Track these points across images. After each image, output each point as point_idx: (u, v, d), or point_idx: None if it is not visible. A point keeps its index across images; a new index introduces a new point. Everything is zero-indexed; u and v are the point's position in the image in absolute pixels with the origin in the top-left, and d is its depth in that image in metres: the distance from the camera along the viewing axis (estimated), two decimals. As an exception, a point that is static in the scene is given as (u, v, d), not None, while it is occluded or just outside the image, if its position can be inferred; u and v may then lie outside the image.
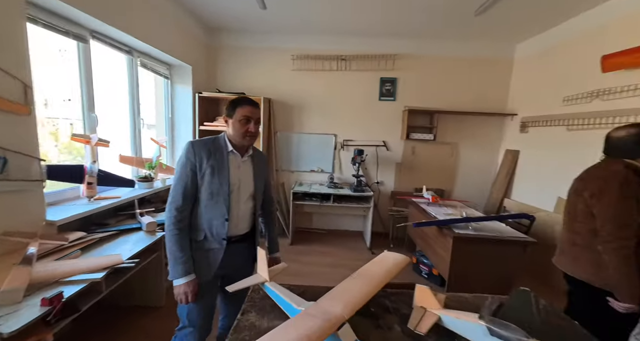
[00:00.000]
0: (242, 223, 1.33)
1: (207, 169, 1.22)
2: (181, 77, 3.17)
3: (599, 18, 2.42)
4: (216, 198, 1.24)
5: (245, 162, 1.33)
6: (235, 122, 1.23)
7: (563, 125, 2.71)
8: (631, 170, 1.25)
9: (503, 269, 2.07)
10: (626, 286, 1.20)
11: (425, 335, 0.86)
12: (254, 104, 1.27)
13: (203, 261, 1.26)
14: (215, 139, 1.29)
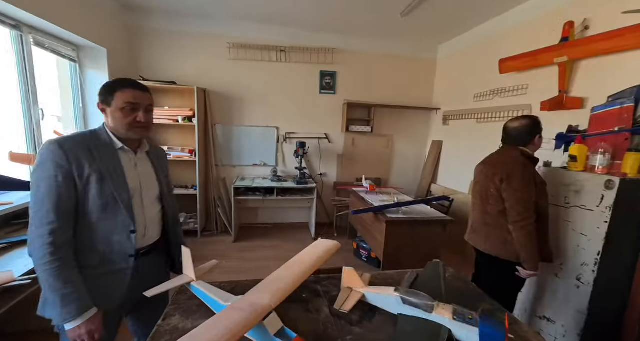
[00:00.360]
0: (151, 231, 1.12)
1: (91, 175, 0.94)
2: (94, 61, 2.73)
3: (500, 25, 2.83)
4: (113, 209, 0.98)
5: (141, 159, 1.11)
6: (116, 111, 0.99)
7: (474, 119, 3.14)
8: (525, 156, 1.45)
9: (428, 246, 2.33)
10: (532, 258, 1.39)
11: (349, 312, 0.92)
12: (141, 87, 1.03)
13: (104, 289, 0.99)
14: (93, 134, 1.01)
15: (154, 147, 1.21)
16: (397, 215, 2.29)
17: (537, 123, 1.49)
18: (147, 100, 1.04)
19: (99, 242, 0.98)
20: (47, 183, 0.88)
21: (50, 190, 0.87)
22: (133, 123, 1.01)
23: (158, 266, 1.19)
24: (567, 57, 2.02)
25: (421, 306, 0.87)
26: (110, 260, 1.01)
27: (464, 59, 3.39)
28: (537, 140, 1.49)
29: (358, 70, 3.70)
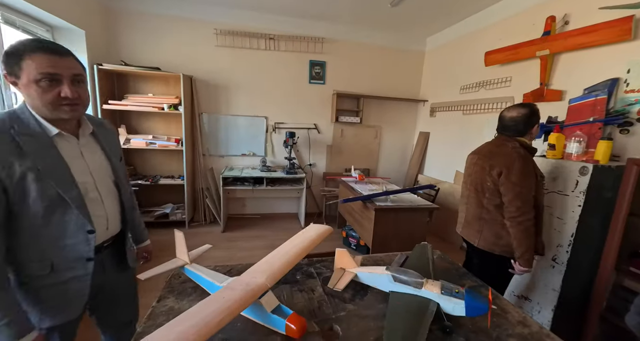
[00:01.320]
0: (112, 225, 0.99)
1: (25, 175, 0.76)
2: (71, 43, 2.58)
3: (486, 18, 2.89)
4: (62, 210, 0.83)
5: (86, 144, 0.93)
6: (30, 85, 0.76)
7: (460, 110, 3.22)
8: (524, 148, 1.36)
9: (415, 233, 2.41)
10: (527, 254, 1.33)
11: (342, 291, 0.96)
12: (60, 52, 0.79)
13: (61, 299, 0.88)
14: (13, 119, 0.78)
15: (98, 123, 1.01)
16: (385, 203, 2.35)
17: (535, 112, 1.39)
18: (73, 68, 0.81)
19: (47, 249, 0.84)
20: None
21: None
22: (56, 101, 0.79)
23: (120, 257, 1.08)
24: (549, 50, 2.10)
25: (411, 283, 0.91)
26: (64, 267, 0.87)
27: (451, 52, 3.45)
28: (535, 130, 1.41)
29: (347, 61, 3.69)
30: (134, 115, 3.17)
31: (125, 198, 1.05)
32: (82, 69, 0.87)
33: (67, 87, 0.79)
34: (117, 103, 2.87)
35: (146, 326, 0.79)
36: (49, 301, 0.86)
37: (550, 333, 0.85)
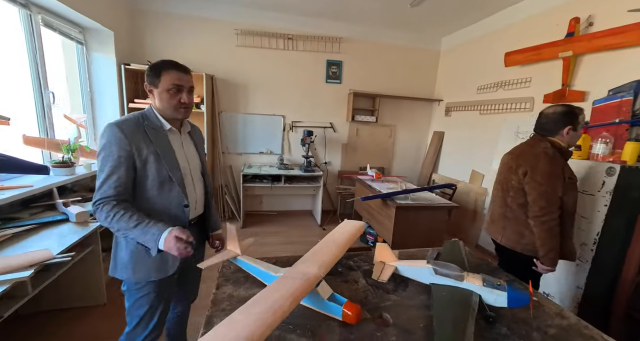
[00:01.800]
0: (199, 205, 1.24)
1: (148, 156, 1.02)
2: (101, 44, 2.67)
3: (505, 19, 2.90)
4: (169, 187, 1.08)
5: (185, 139, 1.20)
6: (163, 93, 1.04)
7: (477, 110, 3.24)
8: (555, 149, 1.34)
9: (433, 230, 2.46)
10: (550, 254, 1.33)
11: (385, 282, 1.02)
12: (184, 69, 1.08)
13: (162, 257, 1.08)
14: (144, 117, 1.07)
15: (192, 126, 1.29)
16: (406, 201, 2.40)
17: (570, 114, 1.32)
18: (189, 82, 1.09)
19: (157, 216, 1.04)
20: (112, 161, 0.98)
21: (115, 167, 0.98)
22: (178, 104, 1.07)
23: (200, 236, 1.30)
24: (572, 51, 2.12)
25: (452, 276, 0.97)
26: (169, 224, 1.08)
27: (468, 52, 3.46)
28: (567, 132, 1.33)
29: (363, 60, 3.73)
30: (156, 114, 3.26)
31: (208, 184, 1.28)
32: (193, 83, 1.13)
33: (186, 95, 1.07)
34: (142, 102, 2.95)
35: (213, 311, 0.86)
36: (155, 260, 1.07)
37: (589, 325, 0.90)
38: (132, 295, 1.11)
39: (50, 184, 1.87)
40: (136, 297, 1.11)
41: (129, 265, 1.07)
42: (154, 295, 1.11)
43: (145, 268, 1.08)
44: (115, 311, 1.85)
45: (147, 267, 1.08)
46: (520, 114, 2.69)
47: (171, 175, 1.06)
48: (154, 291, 1.11)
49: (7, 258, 1.22)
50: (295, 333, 0.79)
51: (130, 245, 1.07)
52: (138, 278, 1.08)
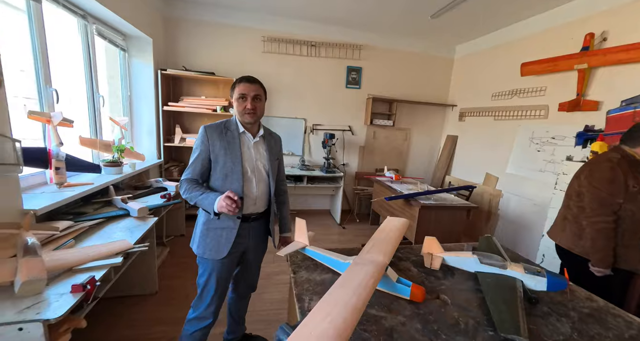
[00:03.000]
0: (259, 202, 1.37)
1: (220, 151, 1.27)
2: (140, 50, 2.84)
3: (520, 31, 3.07)
4: (230, 179, 1.28)
5: (257, 142, 1.36)
6: (235, 101, 1.29)
7: (491, 116, 3.40)
8: (625, 160, 1.36)
9: (453, 229, 2.61)
10: (600, 255, 1.37)
11: (437, 270, 1.17)
12: (250, 80, 1.29)
13: (217, 239, 1.30)
14: (227, 122, 1.34)
15: (271, 133, 1.47)
16: (429, 201, 2.55)
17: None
18: (254, 90, 1.28)
19: None
20: (196, 153, 1.30)
21: (197, 158, 1.30)
22: (244, 110, 1.28)
23: (260, 233, 1.47)
24: (587, 64, 2.28)
25: (497, 265, 1.13)
26: (224, 218, 1.29)
27: (482, 60, 3.62)
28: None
29: (382, 66, 3.90)
30: (186, 116, 3.42)
31: (271, 185, 1.41)
32: (262, 91, 1.33)
33: (249, 102, 1.27)
34: (175, 104, 3.12)
35: (299, 291, 1.02)
36: (212, 239, 1.30)
37: (615, 307, 1.05)
38: (200, 267, 1.36)
39: (106, 182, 2.03)
40: (201, 270, 1.36)
41: (196, 239, 1.34)
42: (210, 270, 1.33)
43: (203, 246, 1.31)
44: (166, 299, 2.01)
45: (205, 246, 1.31)
46: (534, 121, 2.85)
47: (233, 169, 1.28)
48: (210, 268, 1.33)
49: (94, 247, 1.38)
50: (374, 308, 0.95)
51: (199, 223, 1.34)
52: (199, 252, 1.33)
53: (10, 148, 1.31)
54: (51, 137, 1.76)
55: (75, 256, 1.25)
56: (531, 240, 2.83)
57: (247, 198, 1.32)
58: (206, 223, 1.31)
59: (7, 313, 0.92)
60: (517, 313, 0.90)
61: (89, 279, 1.09)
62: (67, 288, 1.07)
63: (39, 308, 0.96)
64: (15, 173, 1.34)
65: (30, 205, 1.44)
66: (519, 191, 3.00)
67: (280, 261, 2.65)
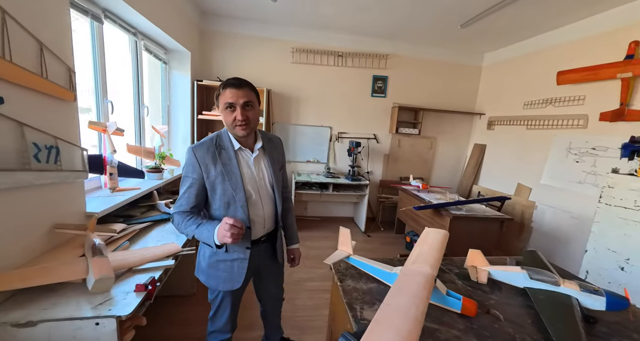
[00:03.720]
0: (268, 223, 1.25)
1: (216, 177, 1.09)
2: (179, 63, 3.02)
3: (557, 38, 2.99)
4: (233, 206, 1.12)
5: (257, 157, 1.19)
6: (222, 112, 1.08)
7: (523, 125, 3.31)
8: None
9: (486, 240, 2.55)
10: None
11: (485, 284, 1.16)
12: (237, 85, 1.05)
13: (229, 271, 1.20)
14: (217, 138, 1.14)
15: (270, 139, 1.27)
16: (460, 211, 2.51)
17: None
18: (243, 97, 1.05)
19: None
20: (187, 181, 1.12)
21: (187, 188, 1.12)
22: (233, 122, 1.07)
23: (270, 251, 1.35)
24: (632, 73, 2.19)
25: (548, 281, 1.10)
26: (232, 250, 1.18)
27: (514, 68, 3.55)
28: None
29: (408, 75, 3.91)
30: (217, 124, 3.57)
31: (278, 202, 1.26)
32: (254, 95, 1.10)
33: (239, 111, 1.05)
34: (209, 113, 3.27)
35: (349, 299, 1.04)
36: (223, 272, 1.20)
37: (683, 330, 1.00)
38: (209, 293, 1.31)
39: (150, 187, 2.15)
40: (210, 296, 1.30)
41: (205, 271, 1.24)
42: (221, 299, 1.28)
43: (215, 279, 1.22)
44: (203, 301, 2.08)
45: (217, 279, 1.22)
46: (572, 130, 2.75)
47: (235, 196, 1.11)
48: (222, 297, 1.28)
49: (149, 249, 1.47)
50: (426, 320, 0.96)
51: (206, 255, 1.22)
52: (210, 284, 1.24)
53: (79, 157, 1.44)
54: (106, 145, 1.91)
55: (135, 257, 1.34)
56: (567, 254, 2.70)
57: (255, 223, 1.19)
58: (213, 256, 1.19)
59: (84, 308, 1.00)
60: (577, 332, 0.88)
61: (150, 280, 1.17)
62: (130, 287, 1.14)
63: (110, 304, 1.04)
64: (82, 179, 1.46)
65: (90, 208, 1.57)
66: (554, 203, 2.88)
67: (309, 266, 2.68)
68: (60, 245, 1.34)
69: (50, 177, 1.23)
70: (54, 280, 1.06)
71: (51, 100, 1.25)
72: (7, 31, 1.01)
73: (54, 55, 1.24)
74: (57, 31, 1.27)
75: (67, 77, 1.33)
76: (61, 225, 1.34)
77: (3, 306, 0.97)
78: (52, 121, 1.26)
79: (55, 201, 1.33)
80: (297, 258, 1.49)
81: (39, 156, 1.17)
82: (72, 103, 1.38)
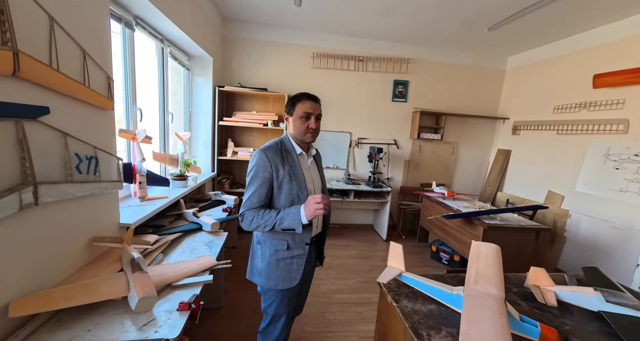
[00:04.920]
0: (319, 224, 1.34)
1: (284, 177, 1.19)
2: (202, 69, 3.01)
3: (589, 41, 2.88)
4: (297, 204, 1.19)
5: (312, 162, 1.33)
6: (296, 120, 1.20)
7: (553, 130, 3.19)
8: None
9: (521, 252, 2.42)
10: None
11: (555, 306, 1.06)
12: (315, 99, 1.23)
13: (288, 268, 1.24)
14: (282, 142, 1.25)
15: (315, 149, 1.41)
16: (494, 221, 2.40)
17: None
18: (318, 110, 1.22)
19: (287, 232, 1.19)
20: (258, 180, 1.18)
21: (258, 186, 1.18)
22: (307, 130, 1.21)
23: (315, 252, 1.42)
24: (680, 75, 2.08)
25: (629, 305, 1.00)
26: (293, 246, 1.24)
27: (542, 71, 3.44)
28: None
29: (429, 79, 3.83)
30: (237, 130, 3.55)
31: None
32: (321, 111, 1.26)
33: (314, 121, 1.21)
34: (230, 119, 3.24)
35: (411, 323, 0.96)
36: (283, 270, 1.24)
37: None
38: (266, 298, 1.30)
39: (177, 195, 2.11)
40: (269, 301, 1.30)
41: (263, 272, 1.26)
42: (280, 300, 1.28)
43: (275, 278, 1.24)
44: (231, 313, 2.01)
45: (277, 277, 1.24)
46: (610, 136, 2.63)
47: (300, 195, 1.19)
48: (280, 298, 1.28)
49: (185, 262, 1.41)
50: (503, 350, 0.86)
51: (266, 255, 1.25)
52: (269, 285, 1.25)
53: (115, 166, 1.40)
54: (135, 153, 1.88)
55: (173, 272, 1.28)
56: (610, 266, 2.55)
57: (312, 222, 1.23)
58: (274, 254, 1.24)
59: (129, 330, 0.94)
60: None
61: (194, 298, 1.10)
62: (171, 305, 1.08)
63: (154, 325, 0.98)
64: (117, 190, 1.42)
65: (122, 219, 1.52)
66: (592, 212, 2.74)
67: (334, 277, 2.59)
68: (97, 259, 1.29)
69: (91, 188, 1.19)
70: (97, 299, 1.01)
71: (92, 109, 1.22)
72: (54, 39, 0.98)
73: (95, 63, 1.21)
74: (98, 38, 1.24)
75: (106, 85, 1.30)
76: (99, 238, 1.29)
77: (47, 327, 0.92)
78: (92, 130, 1.22)
79: (93, 213, 1.28)
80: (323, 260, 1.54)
81: (80, 167, 1.13)
82: (110, 112, 1.35)
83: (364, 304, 2.20)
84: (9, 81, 0.84)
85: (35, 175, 0.92)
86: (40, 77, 0.92)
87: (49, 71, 0.96)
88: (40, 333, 0.89)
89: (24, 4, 0.87)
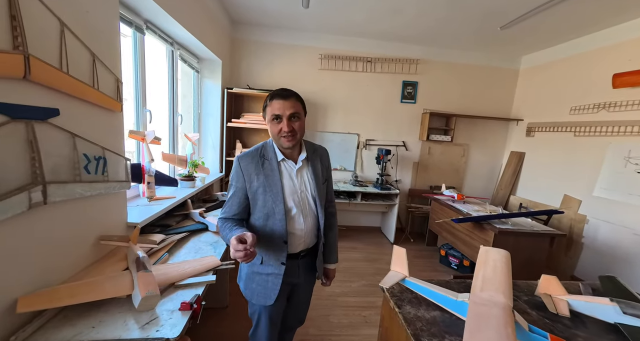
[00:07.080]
0: (308, 238, 1.18)
1: (258, 188, 1.08)
2: (211, 71, 3.05)
3: (610, 39, 2.76)
4: (272, 220, 1.10)
5: (300, 169, 1.14)
6: (268, 124, 1.08)
7: (570, 132, 3.07)
8: None
9: (534, 258, 2.34)
10: None
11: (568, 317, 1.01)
12: (284, 95, 1.04)
13: (263, 285, 1.16)
14: (263, 148, 1.14)
15: (315, 150, 1.22)
16: (505, 225, 2.33)
17: None
18: (290, 108, 1.03)
19: (262, 246, 1.14)
20: (232, 190, 1.14)
21: (231, 195, 1.14)
22: (279, 134, 1.06)
23: (309, 266, 1.27)
24: None
25: (649, 318, 0.94)
26: (267, 263, 1.15)
27: (557, 71, 3.33)
28: None
29: (439, 80, 3.76)
30: (245, 131, 3.58)
31: (320, 216, 1.18)
32: (300, 106, 1.09)
33: (285, 123, 1.04)
34: (238, 121, 3.27)
35: (413, 330, 0.93)
36: (259, 285, 1.17)
37: None
38: (250, 304, 1.25)
39: (185, 196, 2.14)
40: (251, 309, 1.25)
41: (242, 280, 1.23)
42: (259, 312, 1.21)
43: (250, 291, 1.20)
44: (236, 313, 2.02)
45: (252, 291, 1.19)
46: (631, 138, 2.50)
47: (274, 208, 1.08)
48: (259, 312, 1.21)
49: (189, 262, 1.42)
50: (510, 361, 0.83)
51: (245, 266, 1.21)
52: (247, 296, 1.22)
53: (123, 166, 1.43)
54: (145, 154, 1.92)
55: (176, 271, 1.29)
56: (633, 274, 2.42)
57: (294, 236, 1.14)
58: (250, 266, 1.17)
59: (131, 328, 0.95)
60: None
61: (196, 298, 1.11)
62: (173, 304, 1.09)
63: (156, 324, 0.99)
64: (125, 189, 1.45)
65: (130, 218, 1.55)
66: (611, 217, 2.62)
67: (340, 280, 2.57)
68: (103, 257, 1.32)
69: (99, 188, 1.22)
70: (101, 296, 1.03)
71: (100, 111, 1.25)
72: (65, 43, 1.01)
73: (104, 66, 1.24)
74: (107, 42, 1.27)
75: (115, 87, 1.33)
76: (106, 236, 1.32)
77: (54, 323, 0.94)
78: (100, 132, 1.25)
79: (101, 212, 1.31)
80: (331, 278, 1.39)
81: (88, 167, 1.16)
82: (119, 114, 1.38)
83: (368, 308, 2.17)
84: (20, 84, 0.87)
85: (45, 175, 0.95)
86: (50, 80, 0.95)
87: (59, 74, 0.99)
88: (47, 328, 0.91)
89: (36, 9, 0.90)
